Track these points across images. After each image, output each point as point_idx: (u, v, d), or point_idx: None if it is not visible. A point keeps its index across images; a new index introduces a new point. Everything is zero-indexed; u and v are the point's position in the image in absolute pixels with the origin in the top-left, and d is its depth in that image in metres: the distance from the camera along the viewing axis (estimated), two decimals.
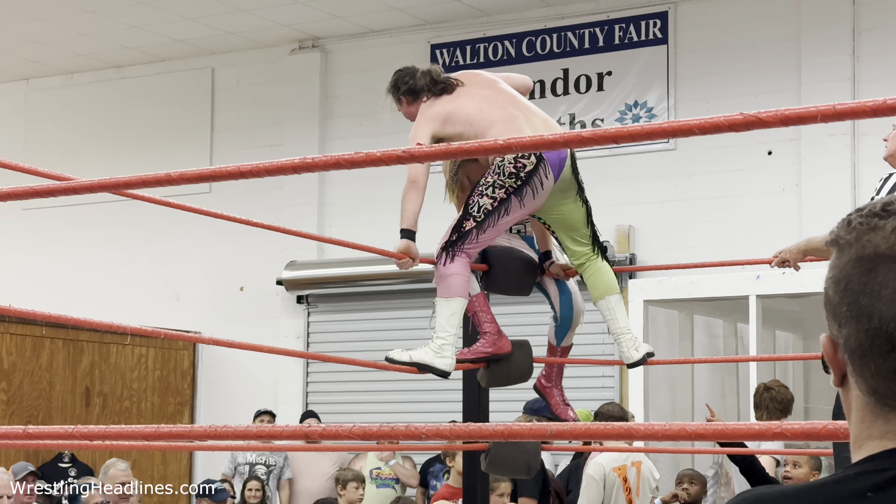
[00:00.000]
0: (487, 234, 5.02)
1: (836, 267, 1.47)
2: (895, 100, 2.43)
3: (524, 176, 4.94)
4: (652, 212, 10.95)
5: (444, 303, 4.95)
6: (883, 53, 10.27)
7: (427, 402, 11.09)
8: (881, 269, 1.41)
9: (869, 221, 1.44)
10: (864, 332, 1.42)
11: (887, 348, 1.40)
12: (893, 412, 1.42)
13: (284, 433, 2.85)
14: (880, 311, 1.40)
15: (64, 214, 13.14)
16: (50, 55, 13.21)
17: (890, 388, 1.41)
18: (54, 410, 11.40)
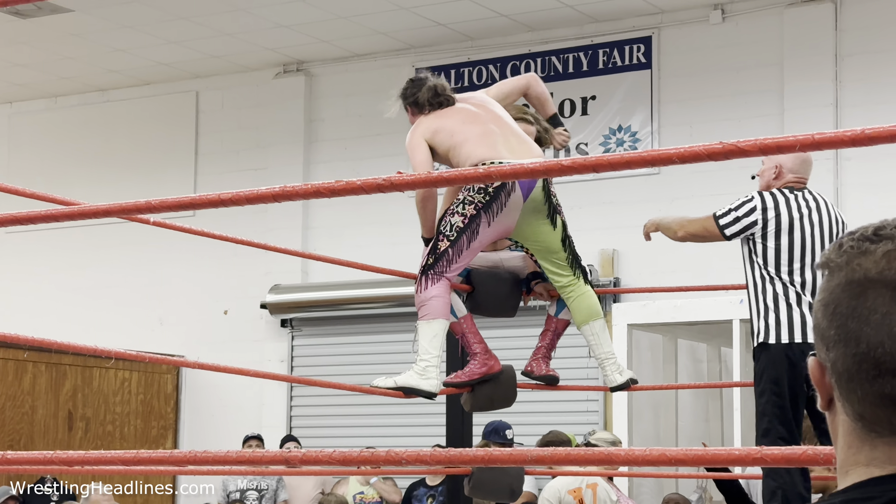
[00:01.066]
0: (463, 254, 5.04)
1: (826, 290, 1.45)
2: (873, 130, 2.45)
3: (492, 191, 4.98)
4: (636, 236, 10.89)
5: (425, 325, 4.97)
6: (865, 79, 10.32)
7: (411, 426, 11.08)
8: (870, 293, 1.40)
9: (860, 245, 1.43)
10: (851, 357, 1.40)
11: (874, 373, 1.39)
12: (880, 438, 1.41)
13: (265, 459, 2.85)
14: (868, 335, 1.39)
15: (47, 237, 13.12)
16: (34, 78, 13.20)
17: (876, 414, 1.40)
18: (37, 434, 11.36)
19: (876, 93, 10.25)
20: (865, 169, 10.19)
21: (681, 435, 10.38)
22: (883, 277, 1.40)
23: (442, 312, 4.96)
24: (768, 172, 5.93)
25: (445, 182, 2.76)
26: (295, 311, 12.31)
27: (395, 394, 4.97)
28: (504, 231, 5.14)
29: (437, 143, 5.11)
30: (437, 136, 5.12)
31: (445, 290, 5.00)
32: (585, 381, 10.19)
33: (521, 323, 7.76)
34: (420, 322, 4.99)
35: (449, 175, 2.98)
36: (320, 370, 12.04)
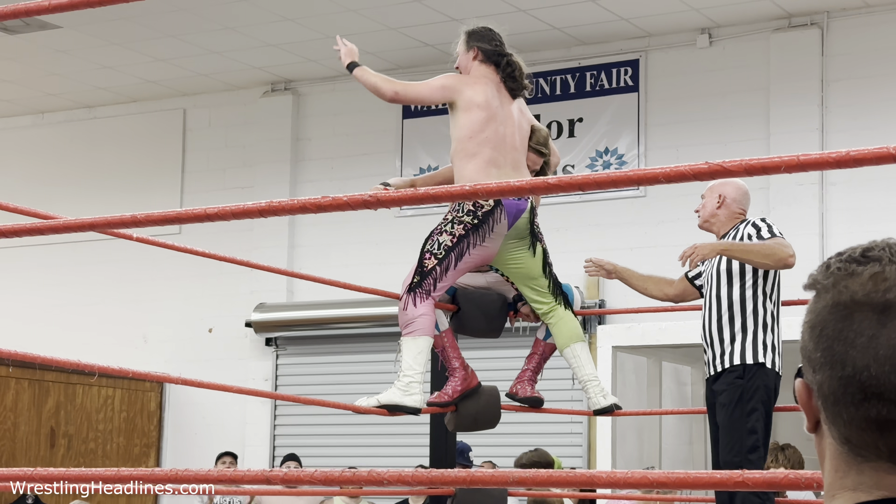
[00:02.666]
0: (449, 273, 5.04)
1: (813, 312, 1.44)
2: (858, 152, 2.46)
3: (481, 215, 5.00)
4: (622, 258, 10.91)
5: (410, 342, 4.96)
6: (851, 104, 10.36)
7: (395, 445, 11.06)
8: (857, 316, 1.39)
9: (847, 267, 1.42)
10: (837, 380, 1.39)
11: (860, 397, 1.37)
12: (867, 462, 1.40)
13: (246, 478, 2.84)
14: (854, 358, 1.38)
15: (31, 253, 13.10)
16: (20, 94, 13.18)
17: (863, 438, 1.39)
18: (18, 451, 11.31)
19: (862, 118, 10.28)
20: (850, 194, 10.22)
21: (664, 457, 10.37)
22: (869, 300, 1.39)
23: (427, 330, 4.97)
24: (711, 202, 6.04)
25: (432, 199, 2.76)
26: (280, 329, 12.29)
27: (380, 412, 4.95)
28: (486, 257, 5.16)
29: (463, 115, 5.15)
30: (472, 113, 5.14)
31: (431, 309, 5.01)
32: (570, 402, 10.19)
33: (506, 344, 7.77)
34: (404, 338, 4.98)
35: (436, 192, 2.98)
36: (305, 389, 12.01)
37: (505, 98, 5.26)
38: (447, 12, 10.71)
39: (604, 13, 10.63)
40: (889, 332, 1.37)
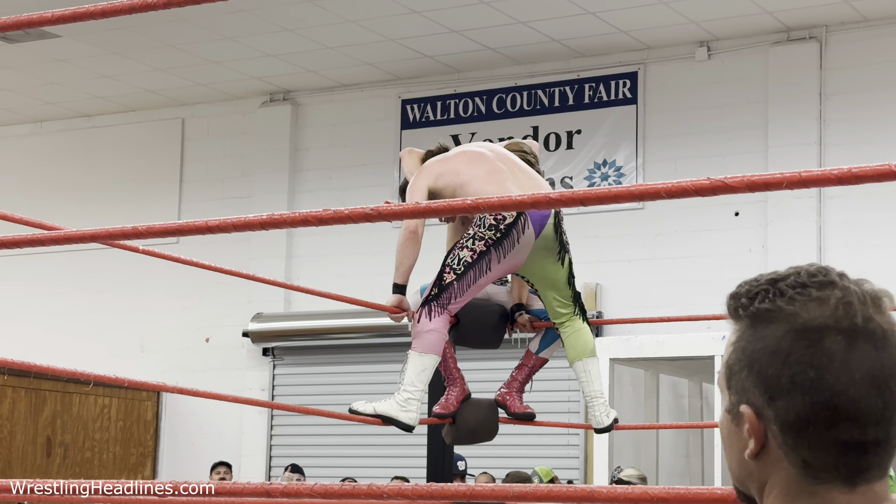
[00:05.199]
0: (469, 289, 4.99)
1: (769, 338, 1.45)
2: (860, 169, 2.45)
3: (504, 228, 4.93)
4: (620, 270, 10.99)
5: (417, 357, 4.92)
6: (849, 118, 10.37)
7: (391, 456, 11.04)
8: (826, 341, 1.41)
9: (806, 292, 1.44)
10: (808, 405, 1.41)
11: (830, 421, 1.40)
12: (821, 485, 1.43)
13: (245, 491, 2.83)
14: (830, 383, 1.40)
15: (29, 262, 13.09)
16: (19, 103, 13.18)
17: (824, 461, 1.42)
18: (14, 460, 11.29)
19: (860, 132, 10.30)
20: (848, 208, 10.23)
21: (661, 471, 10.35)
22: (839, 325, 1.41)
23: (436, 348, 4.92)
24: None
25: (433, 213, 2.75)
26: (277, 339, 12.28)
27: (375, 422, 4.92)
28: (513, 267, 5.11)
29: (442, 186, 5.02)
30: (442, 178, 5.03)
31: (444, 326, 4.96)
32: (567, 414, 10.19)
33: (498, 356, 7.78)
34: (412, 352, 4.94)
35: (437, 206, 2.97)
36: (301, 399, 11.98)
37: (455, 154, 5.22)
38: (446, 24, 10.72)
39: (603, 26, 10.64)
40: (858, 356, 1.40)
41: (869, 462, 1.42)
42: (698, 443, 10.32)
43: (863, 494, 1.43)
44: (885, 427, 1.41)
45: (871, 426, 1.41)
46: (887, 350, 1.42)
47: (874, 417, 1.41)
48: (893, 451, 1.43)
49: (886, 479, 1.45)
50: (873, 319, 1.43)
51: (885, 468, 1.44)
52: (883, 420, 1.41)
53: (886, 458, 1.43)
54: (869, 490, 1.43)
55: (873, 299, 1.45)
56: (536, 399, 5.87)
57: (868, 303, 1.44)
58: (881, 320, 1.43)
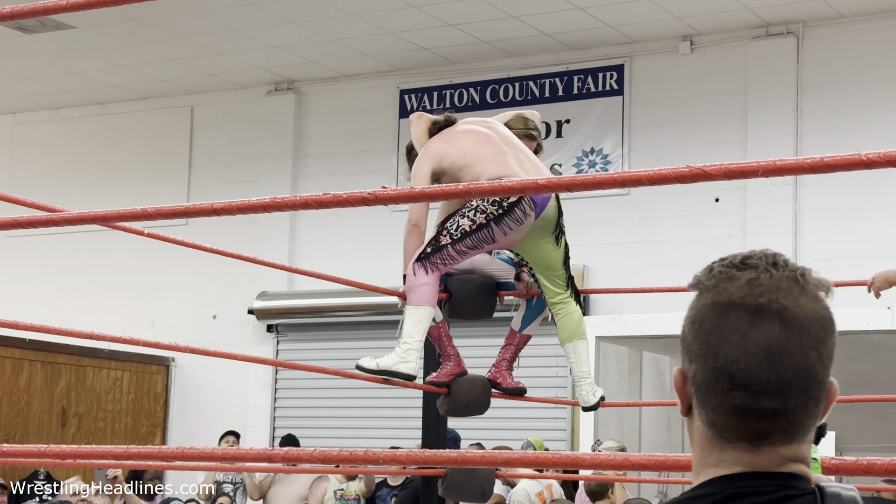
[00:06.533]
0: (460, 256, 4.97)
1: (695, 308, 1.54)
2: (832, 158, 2.46)
3: (507, 206, 4.89)
4: (606, 253, 11.00)
5: (412, 310, 4.89)
6: (824, 109, 10.37)
7: (388, 427, 11.06)
8: (732, 315, 1.48)
9: (728, 271, 1.52)
10: (710, 370, 1.48)
11: (728, 386, 1.46)
12: (729, 444, 1.49)
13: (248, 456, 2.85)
14: (726, 352, 1.47)
15: (45, 242, 13.08)
16: (36, 91, 13.16)
17: (727, 423, 1.48)
18: (31, 430, 11.31)
19: (834, 122, 10.30)
20: (822, 194, 10.24)
21: (644, 442, 10.39)
22: (744, 302, 1.48)
23: (430, 300, 4.89)
24: None
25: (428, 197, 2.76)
26: (280, 317, 12.29)
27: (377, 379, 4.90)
28: (507, 244, 5.08)
29: (446, 166, 4.99)
30: (447, 158, 5.00)
31: (436, 281, 4.94)
32: (555, 389, 10.21)
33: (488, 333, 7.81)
34: (408, 307, 4.92)
35: (432, 190, 2.97)
36: (304, 373, 12.02)
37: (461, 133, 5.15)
38: (443, 18, 10.72)
39: (591, 20, 10.64)
40: (758, 332, 1.47)
41: (768, 428, 1.47)
42: (678, 417, 10.36)
43: (766, 455, 1.48)
44: (779, 398, 1.46)
45: (764, 396, 1.46)
46: (789, 330, 1.47)
47: (767, 388, 1.46)
48: (796, 419, 1.48)
49: (798, 443, 1.49)
50: (780, 302, 1.48)
51: (791, 434, 1.48)
52: (777, 392, 1.46)
53: (789, 425, 1.48)
54: (773, 452, 1.48)
55: (791, 285, 1.50)
56: (526, 375, 5.88)
57: (783, 287, 1.49)
58: (790, 303, 1.48)
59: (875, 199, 9.98)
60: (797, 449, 1.50)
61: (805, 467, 1.50)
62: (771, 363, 1.46)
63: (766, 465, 1.48)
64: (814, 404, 1.49)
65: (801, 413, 1.48)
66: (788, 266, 1.52)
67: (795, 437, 1.49)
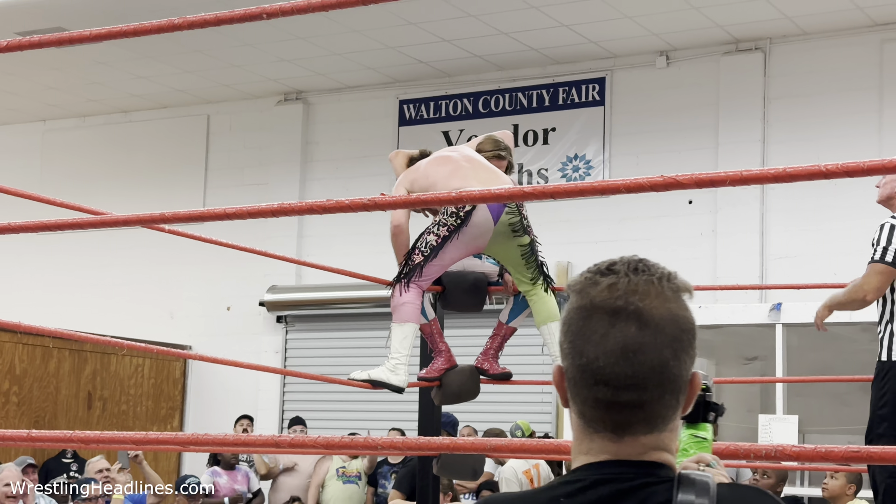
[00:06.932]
0: (434, 267, 5.05)
1: (566, 311, 1.56)
2: (794, 169, 2.46)
3: (463, 216, 5.00)
4: (588, 250, 10.99)
5: (397, 328, 4.98)
6: (789, 119, 10.37)
7: (387, 411, 11.04)
8: (594, 317, 1.50)
9: (592, 277, 1.54)
10: (576, 367, 1.50)
11: (591, 382, 1.49)
12: (596, 433, 1.51)
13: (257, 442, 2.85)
14: (589, 351, 1.49)
15: (73, 238, 13.07)
16: (65, 100, 13.15)
17: (593, 414, 1.51)
18: (59, 412, 11.30)
19: (799, 131, 10.30)
20: (788, 197, 10.24)
21: None
22: (604, 305, 1.50)
23: (413, 317, 4.98)
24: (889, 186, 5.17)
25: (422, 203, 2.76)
26: (289, 308, 12.28)
27: (368, 386, 4.96)
28: (475, 249, 5.16)
29: (417, 189, 5.13)
30: (416, 183, 5.16)
31: (417, 297, 5.01)
32: (541, 375, 10.20)
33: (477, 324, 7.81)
34: (393, 324, 5.00)
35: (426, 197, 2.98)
36: (310, 361, 12.02)
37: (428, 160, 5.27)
38: (439, 34, 10.71)
39: (575, 36, 10.63)
40: (616, 332, 1.49)
41: (629, 419, 1.50)
42: None
43: (629, 444, 1.50)
44: (637, 392, 1.48)
45: (623, 390, 1.48)
46: (645, 330, 1.48)
47: (625, 383, 1.48)
48: (654, 410, 1.50)
49: (659, 433, 1.51)
50: (636, 304, 1.50)
51: (651, 424, 1.50)
52: (634, 386, 1.48)
53: (648, 416, 1.50)
54: (635, 441, 1.50)
55: (649, 288, 1.51)
56: (512, 362, 5.88)
57: (640, 291, 1.51)
58: (647, 305, 1.50)
59: (836, 202, 9.99)
60: (658, 438, 1.51)
61: (667, 455, 1.52)
62: (627, 360, 1.48)
63: (629, 454, 1.50)
64: (671, 396, 1.51)
65: (658, 405, 1.50)
66: (649, 271, 1.54)
67: (656, 427, 1.51)
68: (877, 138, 9.93)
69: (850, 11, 9.84)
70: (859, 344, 9.13)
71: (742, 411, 10.14)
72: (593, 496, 1.47)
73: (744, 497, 1.50)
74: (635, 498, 1.46)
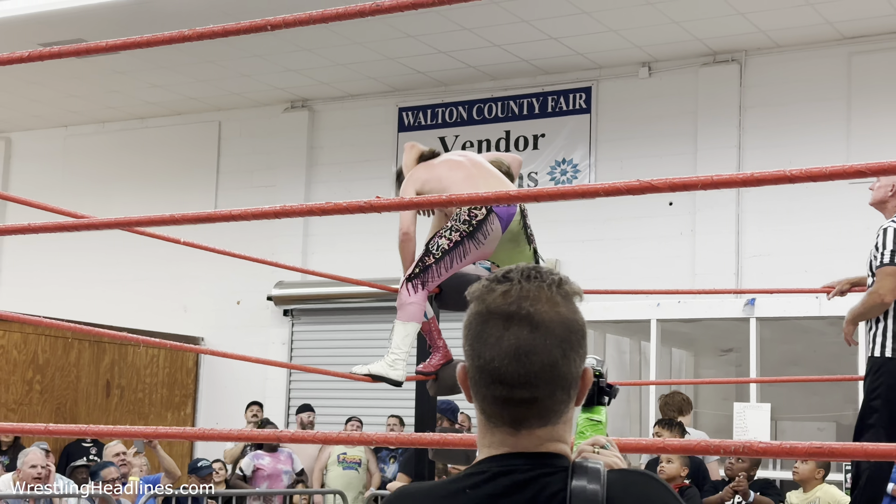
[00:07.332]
0: (445, 271, 4.98)
1: (468, 316, 1.58)
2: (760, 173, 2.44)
3: (475, 224, 4.93)
4: (575, 249, 10.97)
5: (401, 325, 4.92)
6: (763, 126, 10.36)
7: (387, 399, 11.03)
8: (490, 322, 1.53)
9: (490, 285, 1.56)
10: (476, 368, 1.53)
11: (489, 381, 1.52)
12: (496, 428, 1.54)
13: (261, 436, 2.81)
14: (486, 353, 1.52)
15: (93, 237, 13.04)
16: (85, 107, 13.11)
17: (493, 410, 1.53)
18: (80, 399, 11.27)
19: (772, 138, 10.28)
20: (762, 198, 10.22)
21: None
22: (498, 311, 1.53)
23: (417, 317, 4.92)
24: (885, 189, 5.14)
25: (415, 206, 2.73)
26: (295, 303, 12.27)
27: (367, 379, 4.93)
28: (483, 255, 5.11)
29: (428, 190, 5.03)
30: (428, 184, 5.04)
31: (423, 298, 4.96)
32: None
33: None
34: (396, 321, 4.94)
35: (420, 200, 2.95)
36: (315, 351, 12.01)
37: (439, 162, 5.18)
38: (436, 46, 10.69)
39: (563, 48, 10.60)
40: (510, 335, 1.51)
41: (524, 414, 1.52)
42: (637, 390, 10.34)
43: (526, 437, 1.53)
44: (529, 389, 1.51)
45: (517, 388, 1.51)
46: (536, 332, 1.51)
47: (518, 381, 1.51)
48: (547, 406, 1.53)
49: (553, 426, 1.54)
50: (528, 309, 1.52)
51: (545, 418, 1.53)
52: (527, 384, 1.51)
53: (542, 411, 1.53)
54: (531, 434, 1.53)
55: (540, 294, 1.53)
56: None
57: (531, 296, 1.53)
58: (537, 310, 1.52)
59: (807, 204, 9.97)
60: (552, 430, 1.54)
61: (562, 445, 1.55)
62: (520, 361, 1.50)
63: (526, 446, 1.53)
64: (562, 392, 1.53)
65: (550, 401, 1.52)
66: (540, 278, 1.55)
67: (549, 421, 1.53)
68: (845, 145, 9.91)
69: (821, 26, 9.82)
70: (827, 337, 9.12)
71: (718, 400, 10.13)
72: (494, 487, 1.50)
73: (632, 482, 1.51)
74: (533, 487, 1.49)
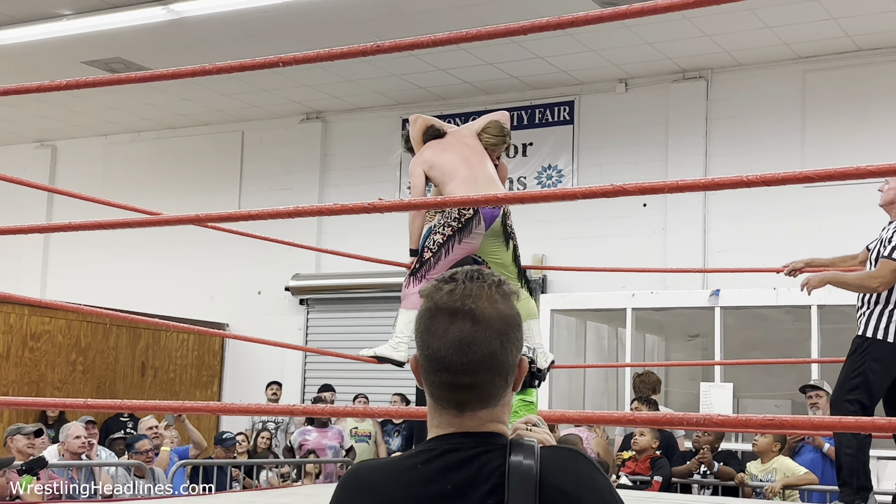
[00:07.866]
0: (440, 263, 5.03)
1: (418, 312, 1.60)
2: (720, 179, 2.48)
3: (463, 221, 4.98)
4: (559, 245, 11.00)
5: (405, 313, 4.99)
6: (728, 136, 10.38)
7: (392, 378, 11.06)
8: (438, 317, 1.55)
9: (439, 285, 1.59)
10: (425, 357, 1.56)
11: (436, 368, 1.54)
12: (444, 410, 1.57)
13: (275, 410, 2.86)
14: (433, 344, 1.54)
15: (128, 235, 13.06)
16: (122, 118, 13.14)
17: (440, 395, 1.56)
18: (118, 379, 11.31)
19: (736, 147, 10.31)
20: (727, 200, 10.25)
21: (587, 389, 10.40)
22: (445, 307, 1.55)
23: (418, 305, 4.94)
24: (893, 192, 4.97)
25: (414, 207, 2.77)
26: (310, 293, 12.29)
27: (374, 361, 4.99)
28: (470, 250, 5.14)
29: (433, 175, 5.09)
30: (433, 170, 5.06)
31: None
32: None
33: None
34: (402, 309, 5.01)
35: (418, 202, 2.99)
36: (328, 337, 12.03)
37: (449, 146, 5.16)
38: (435, 64, 10.71)
39: (549, 67, 10.63)
40: (454, 328, 1.54)
41: (466, 398, 1.55)
42: (614, 371, 10.37)
43: (470, 418, 1.56)
44: (471, 375, 1.54)
45: (460, 374, 1.53)
46: (478, 326, 1.53)
47: (461, 369, 1.53)
48: (487, 391, 1.56)
49: (493, 408, 1.57)
50: (470, 306, 1.55)
51: (485, 401, 1.56)
52: (469, 371, 1.53)
53: (482, 395, 1.56)
54: (474, 416, 1.56)
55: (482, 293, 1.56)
56: None
57: (474, 295, 1.56)
58: (479, 306, 1.55)
59: (767, 206, 10.00)
60: (492, 412, 1.57)
61: (501, 425, 1.57)
62: (463, 351, 1.53)
63: (469, 427, 1.56)
64: (500, 379, 1.56)
65: (490, 386, 1.55)
66: (482, 279, 1.59)
67: (489, 404, 1.56)
68: (800, 153, 9.94)
69: (778, 46, 9.85)
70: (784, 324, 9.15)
71: (686, 380, 10.16)
72: (443, 462, 1.53)
73: (561, 457, 1.54)
74: (476, 463, 1.52)
